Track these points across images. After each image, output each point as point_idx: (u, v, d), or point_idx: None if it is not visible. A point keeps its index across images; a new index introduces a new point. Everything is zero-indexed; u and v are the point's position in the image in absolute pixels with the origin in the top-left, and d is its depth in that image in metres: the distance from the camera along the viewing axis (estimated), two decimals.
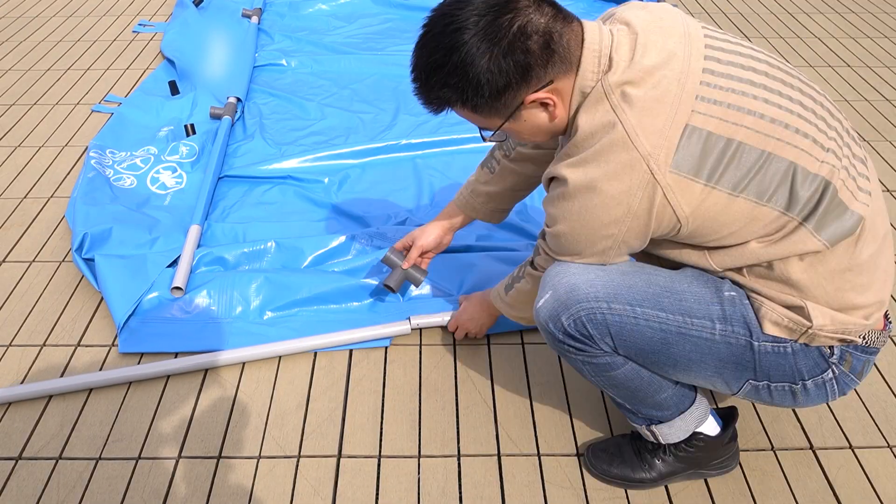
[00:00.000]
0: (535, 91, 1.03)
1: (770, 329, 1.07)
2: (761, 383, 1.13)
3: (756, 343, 1.08)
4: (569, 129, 1.10)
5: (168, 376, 1.59)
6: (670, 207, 1.00)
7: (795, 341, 1.08)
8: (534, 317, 1.18)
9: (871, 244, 1.06)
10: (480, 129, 1.14)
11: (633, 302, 1.09)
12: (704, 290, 1.10)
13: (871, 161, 1.11)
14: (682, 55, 1.01)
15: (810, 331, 1.05)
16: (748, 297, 1.10)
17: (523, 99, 1.04)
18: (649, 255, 1.20)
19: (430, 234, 1.60)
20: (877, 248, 1.07)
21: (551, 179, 1.11)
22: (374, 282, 1.75)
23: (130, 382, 1.58)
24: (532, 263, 1.30)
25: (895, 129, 2.57)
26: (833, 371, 1.11)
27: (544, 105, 1.06)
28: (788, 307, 1.07)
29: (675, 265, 1.16)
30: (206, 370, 1.60)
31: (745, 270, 1.08)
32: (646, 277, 1.12)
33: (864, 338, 1.10)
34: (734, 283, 1.10)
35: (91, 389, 1.56)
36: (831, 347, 1.10)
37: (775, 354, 1.09)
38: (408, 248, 1.63)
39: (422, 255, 1.63)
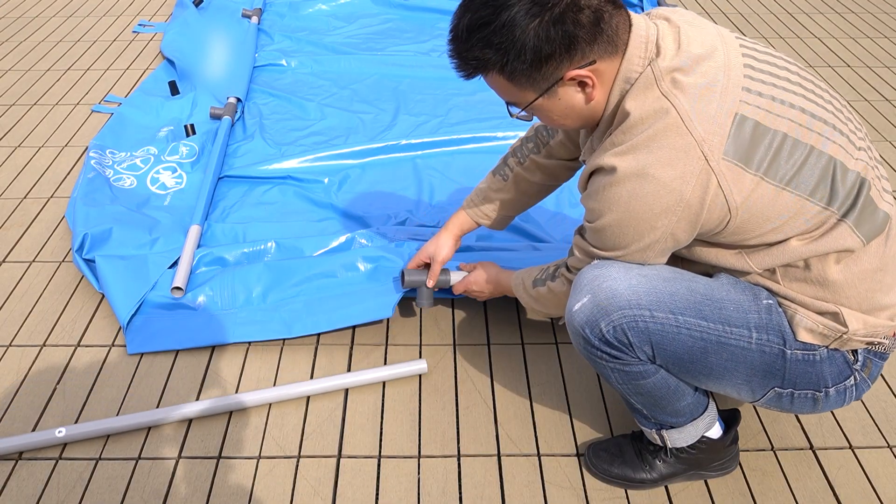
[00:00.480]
0: (577, 68, 1.00)
1: (804, 336, 1.07)
2: (786, 391, 1.12)
3: (789, 351, 1.08)
4: (603, 117, 1.08)
5: (168, 376, 1.59)
6: (723, 196, 0.98)
7: (827, 347, 1.08)
8: (567, 320, 1.14)
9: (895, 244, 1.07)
10: (508, 104, 1.11)
11: (676, 310, 1.07)
12: (743, 298, 1.09)
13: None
14: (721, 50, 1.02)
15: (845, 336, 1.05)
16: (780, 306, 1.09)
17: (563, 74, 1.01)
18: (681, 261, 1.18)
19: (445, 247, 1.59)
20: None
21: (592, 173, 1.08)
22: (376, 253, 1.78)
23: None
24: (567, 266, 1.26)
25: (895, 129, 2.57)
26: (855, 377, 1.11)
27: (582, 85, 1.03)
28: (822, 313, 1.06)
29: (708, 270, 1.15)
30: (205, 375, 1.61)
31: (779, 275, 1.07)
32: (686, 284, 1.09)
33: (881, 344, 1.10)
34: (769, 290, 1.10)
35: (91, 390, 1.56)
36: (855, 354, 1.09)
37: (805, 362, 1.09)
38: (424, 265, 1.63)
39: None
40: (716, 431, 1.30)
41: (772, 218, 1.00)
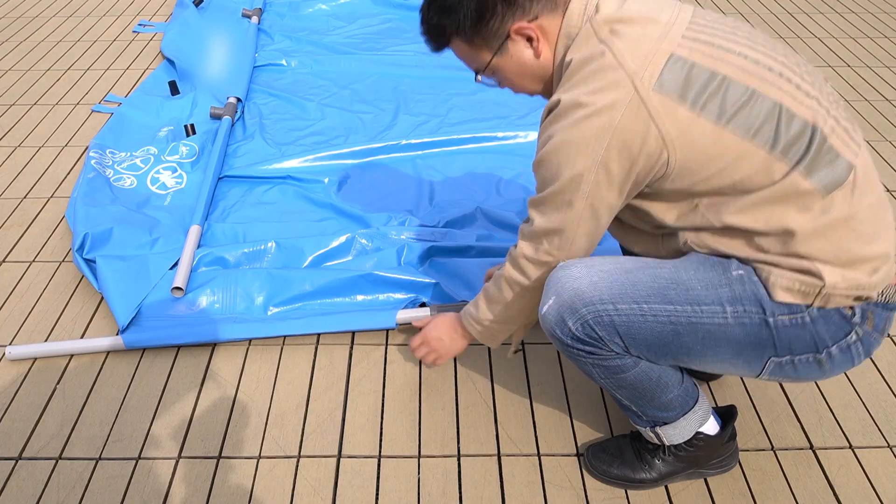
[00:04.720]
0: (521, 22, 1.12)
1: (782, 296, 1.06)
2: (784, 358, 1.11)
3: (771, 319, 1.07)
4: (553, 75, 1.17)
5: (168, 376, 1.59)
6: (655, 127, 1.01)
7: (810, 306, 1.07)
8: (540, 323, 1.17)
9: (870, 194, 1.06)
10: (475, 71, 1.22)
11: (640, 299, 1.09)
12: (711, 274, 1.09)
13: (857, 126, 1.12)
14: (668, 10, 1.08)
15: (824, 290, 1.04)
16: (755, 271, 1.08)
17: (509, 28, 1.12)
18: (659, 238, 1.18)
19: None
20: (876, 198, 1.07)
21: (547, 113, 1.14)
22: (380, 273, 1.76)
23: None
24: (512, 257, 1.23)
25: (895, 129, 2.57)
26: (857, 332, 1.09)
27: (529, 40, 1.14)
28: (795, 270, 1.06)
29: (679, 248, 1.15)
30: (205, 374, 1.61)
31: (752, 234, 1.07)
32: (650, 272, 1.11)
33: (882, 295, 1.08)
34: (740, 260, 1.09)
35: (91, 390, 1.56)
36: (852, 308, 1.08)
37: (793, 327, 1.08)
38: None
39: None
40: (712, 427, 1.30)
41: (714, 158, 1.02)
